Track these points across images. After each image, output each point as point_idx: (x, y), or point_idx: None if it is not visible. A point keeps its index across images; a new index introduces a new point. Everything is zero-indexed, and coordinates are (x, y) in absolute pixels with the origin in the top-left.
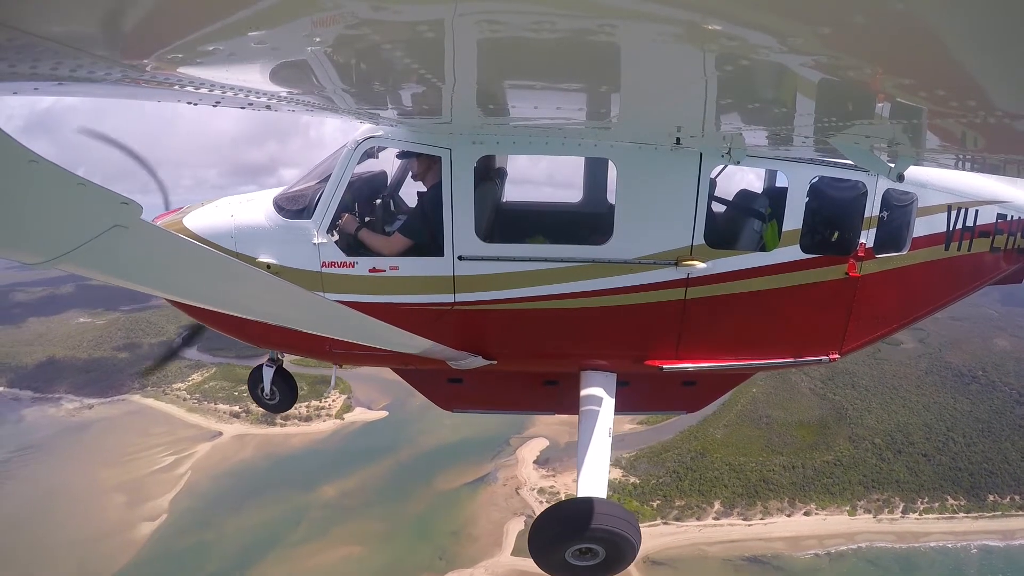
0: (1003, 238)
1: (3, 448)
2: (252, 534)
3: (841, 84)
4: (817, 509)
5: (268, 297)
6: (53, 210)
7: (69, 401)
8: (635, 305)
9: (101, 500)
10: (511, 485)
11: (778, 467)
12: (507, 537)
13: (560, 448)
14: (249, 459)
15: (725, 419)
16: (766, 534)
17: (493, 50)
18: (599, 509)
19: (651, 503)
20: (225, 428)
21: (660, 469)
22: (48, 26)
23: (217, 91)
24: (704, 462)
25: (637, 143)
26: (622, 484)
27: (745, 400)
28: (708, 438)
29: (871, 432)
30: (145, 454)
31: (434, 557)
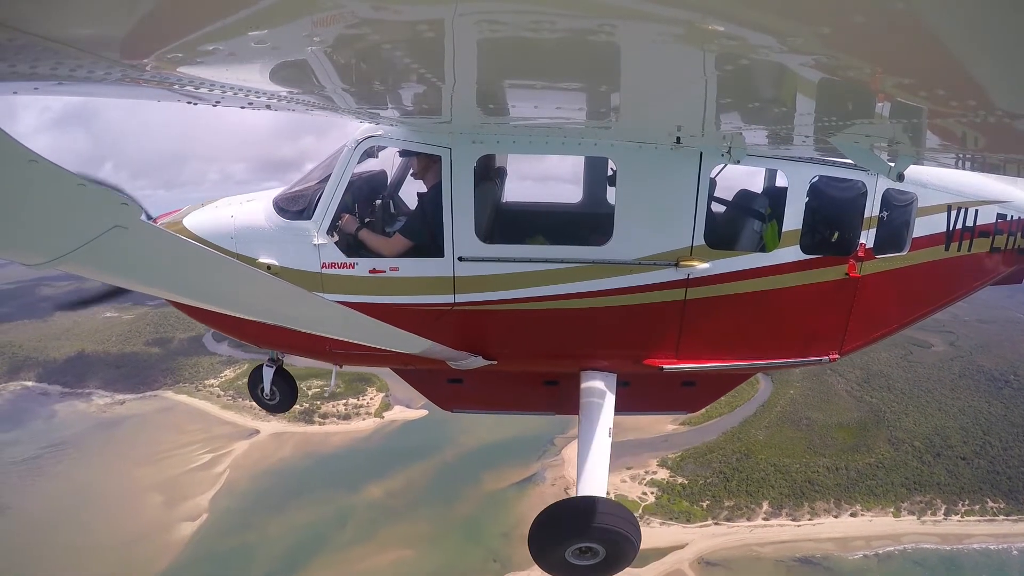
0: (1003, 238)
1: (34, 444)
2: (297, 536)
3: (841, 84)
4: (863, 510)
5: (268, 297)
6: (53, 210)
7: (100, 396)
8: (635, 305)
9: (137, 499)
10: (559, 485)
11: (822, 468)
12: None
13: None
14: (289, 458)
15: (765, 420)
16: (815, 535)
17: (493, 50)
18: (601, 508)
19: (700, 503)
20: (262, 426)
21: (707, 470)
22: (48, 26)
23: (217, 91)
24: (749, 463)
25: (637, 143)
26: (670, 484)
27: (784, 402)
28: (751, 439)
29: (910, 435)
30: (180, 452)
31: (487, 560)
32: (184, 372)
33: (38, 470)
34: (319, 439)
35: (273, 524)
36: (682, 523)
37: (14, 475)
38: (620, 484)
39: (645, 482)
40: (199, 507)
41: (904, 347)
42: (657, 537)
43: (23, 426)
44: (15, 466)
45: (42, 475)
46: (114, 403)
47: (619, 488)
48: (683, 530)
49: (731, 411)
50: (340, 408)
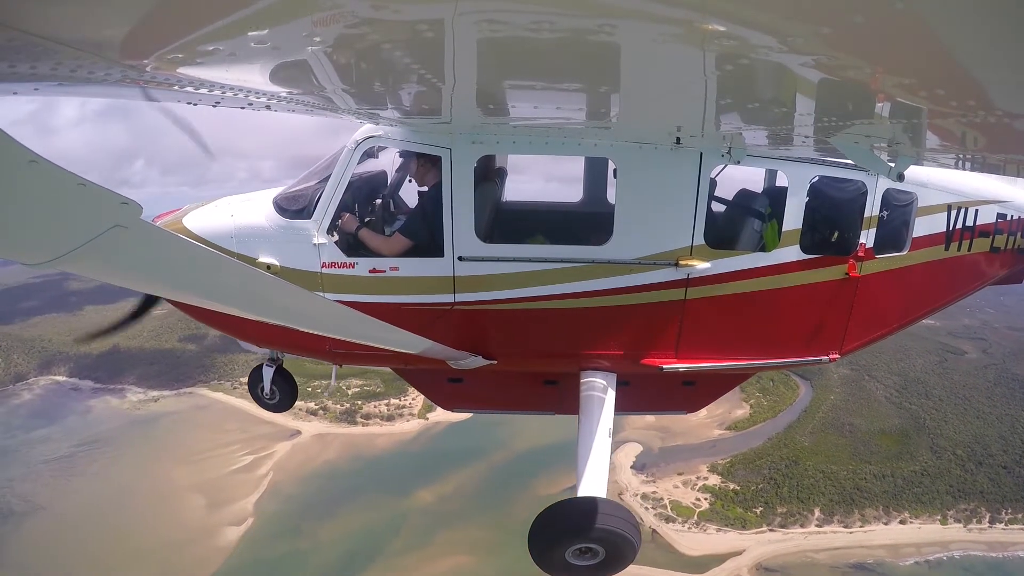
0: (1003, 238)
1: (66, 441)
2: (350, 542)
3: (841, 84)
4: (911, 518)
5: (268, 297)
6: (53, 210)
7: (133, 393)
8: (635, 305)
9: (178, 501)
10: (613, 491)
11: (869, 476)
12: None
13: (655, 453)
14: (334, 460)
15: (809, 426)
16: (867, 541)
17: (493, 50)
18: (602, 509)
19: (754, 509)
20: (303, 426)
21: (757, 476)
22: (48, 26)
23: (217, 91)
24: (798, 469)
25: (637, 143)
26: (722, 490)
27: (825, 407)
28: (797, 445)
29: (951, 443)
30: (220, 452)
31: None
32: (220, 369)
33: (72, 469)
34: (363, 441)
35: (324, 530)
36: (738, 529)
37: (47, 474)
38: (673, 490)
39: (698, 488)
40: (244, 511)
41: (938, 354)
42: (715, 543)
43: (55, 422)
44: (47, 464)
45: (76, 474)
46: (148, 400)
47: (672, 494)
48: (739, 536)
49: (774, 416)
50: (383, 409)
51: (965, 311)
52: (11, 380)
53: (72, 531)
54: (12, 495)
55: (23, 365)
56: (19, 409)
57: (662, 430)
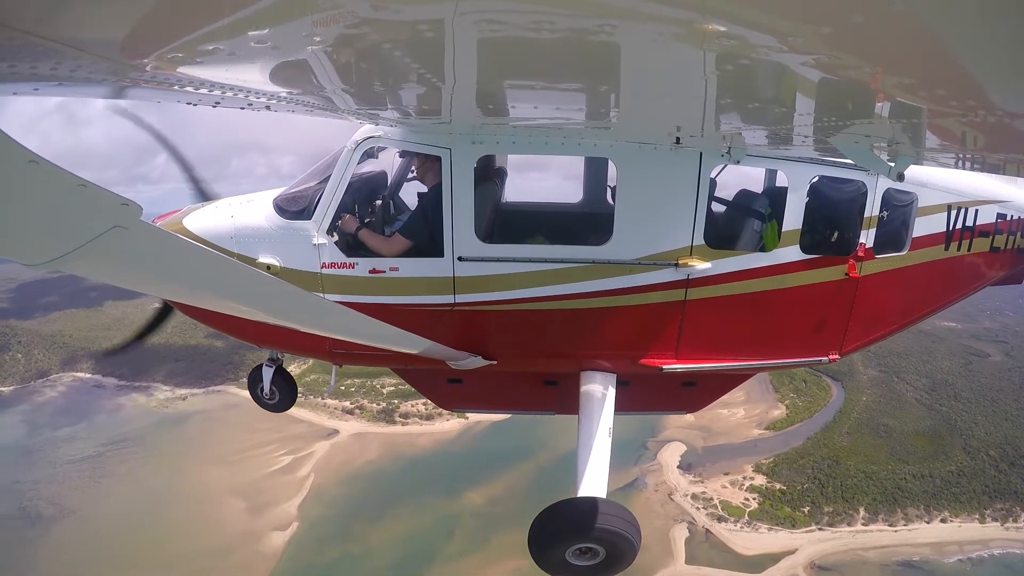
0: (1003, 238)
1: (93, 440)
2: (403, 546)
3: (841, 84)
4: (951, 516)
5: (268, 297)
6: (53, 211)
7: (160, 391)
8: (635, 305)
9: (217, 505)
10: (662, 491)
11: (909, 476)
12: (675, 545)
13: (699, 453)
14: (376, 460)
15: (845, 427)
16: (912, 540)
17: (493, 50)
18: (602, 509)
19: (802, 509)
20: (340, 426)
21: (801, 476)
22: (48, 26)
23: (217, 91)
24: (840, 469)
25: (637, 143)
26: (769, 490)
27: (859, 408)
28: (836, 446)
29: (983, 444)
30: (257, 453)
31: None
32: (248, 366)
33: (101, 470)
34: (404, 441)
35: (374, 534)
36: (788, 528)
37: (74, 475)
38: (721, 490)
39: (745, 488)
40: (288, 514)
41: (963, 357)
42: (768, 543)
43: (80, 421)
44: (75, 465)
45: (106, 475)
46: (176, 398)
47: (721, 494)
48: (791, 535)
49: (810, 417)
50: (420, 408)
51: (985, 313)
52: (33, 377)
53: (105, 537)
54: (39, 498)
55: (44, 361)
56: (43, 407)
57: (703, 429)
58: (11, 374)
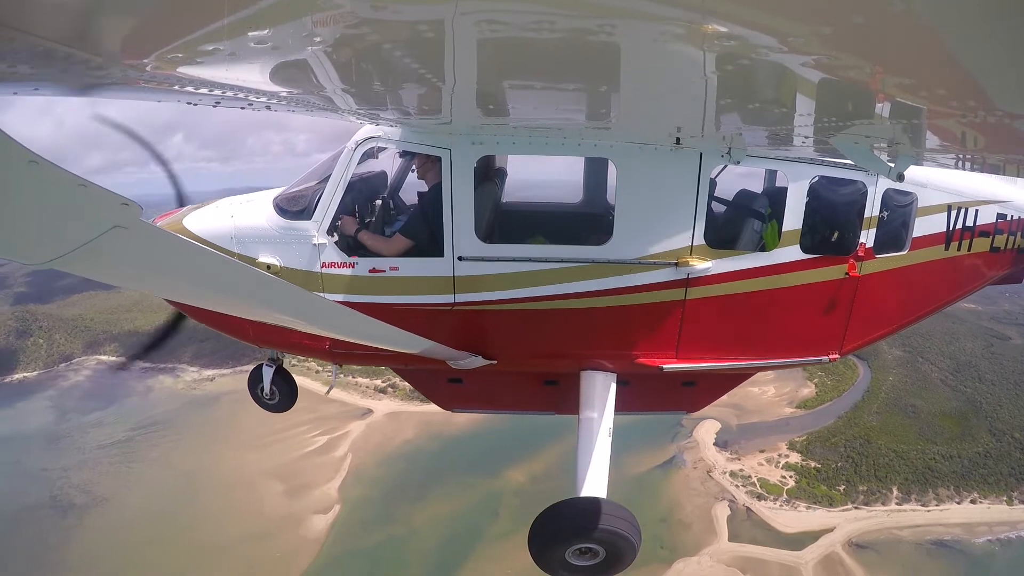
0: (1003, 238)
1: (121, 425)
2: (448, 526)
3: (841, 84)
4: (980, 497)
5: (268, 297)
6: (53, 211)
7: (186, 372)
8: (635, 305)
9: (254, 488)
10: (701, 468)
11: (938, 456)
12: (718, 523)
13: (733, 431)
14: (413, 440)
15: (874, 406)
16: (944, 520)
17: (493, 50)
18: (603, 509)
19: (837, 487)
20: (374, 405)
21: (834, 454)
22: (48, 26)
23: (217, 91)
24: (872, 448)
25: (637, 143)
26: (804, 468)
27: (886, 388)
28: (866, 425)
29: (1008, 426)
30: (290, 434)
31: (654, 546)
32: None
33: (132, 455)
34: (440, 420)
35: (417, 515)
36: (825, 507)
37: (104, 461)
38: (758, 467)
39: (781, 465)
40: (328, 497)
41: (985, 339)
42: (807, 521)
43: (107, 405)
44: (104, 451)
45: (137, 460)
46: (203, 379)
47: (759, 472)
48: (828, 514)
49: (839, 396)
50: None
51: (1006, 296)
52: (56, 361)
53: (141, 524)
54: (70, 486)
55: (66, 345)
56: (68, 392)
57: (735, 407)
58: (34, 359)
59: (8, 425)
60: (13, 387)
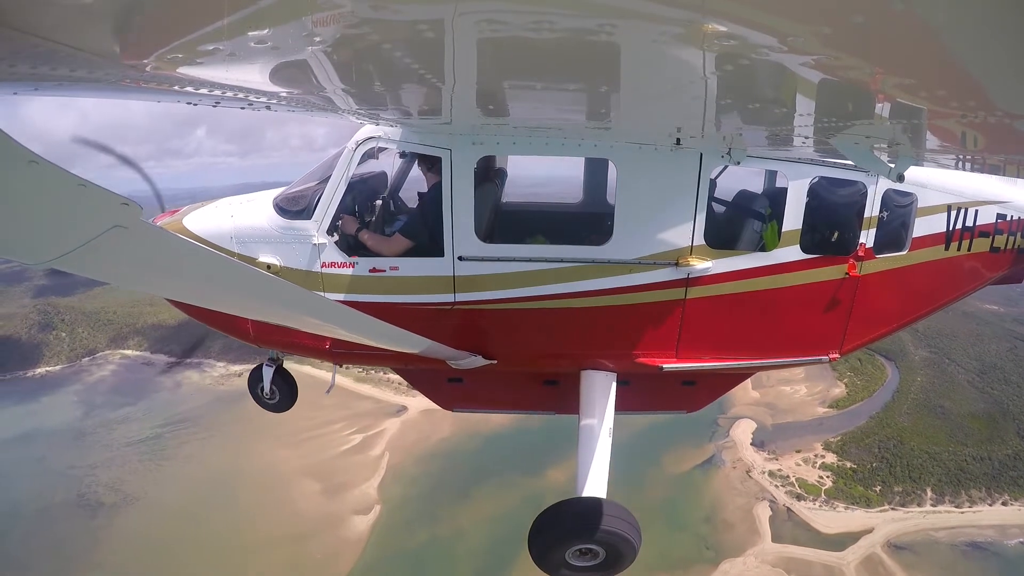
0: (1003, 238)
1: (149, 421)
2: (494, 527)
3: (841, 84)
4: (1011, 499)
5: (268, 297)
6: (53, 210)
7: (214, 367)
8: (635, 305)
9: (290, 488)
10: (740, 468)
11: (968, 458)
12: (760, 523)
13: (769, 430)
14: (450, 438)
15: (904, 407)
16: (977, 521)
17: (493, 50)
18: (603, 510)
19: (874, 488)
20: (408, 402)
21: (869, 455)
22: (48, 27)
23: (217, 91)
24: (905, 449)
25: (637, 143)
26: (841, 468)
27: (915, 389)
28: (898, 425)
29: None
30: (324, 431)
31: (699, 547)
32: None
33: (162, 452)
34: (477, 416)
35: (462, 515)
36: (863, 507)
37: (134, 458)
38: (796, 467)
39: (818, 466)
40: (368, 496)
41: (1009, 341)
42: (847, 521)
43: (134, 401)
44: (133, 448)
45: (167, 458)
46: (231, 374)
47: (796, 471)
48: (866, 514)
49: (870, 396)
50: None
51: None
52: (79, 355)
53: (175, 524)
54: (98, 484)
55: (90, 340)
56: (94, 387)
57: (769, 406)
58: (57, 353)
59: (32, 421)
60: (36, 381)
